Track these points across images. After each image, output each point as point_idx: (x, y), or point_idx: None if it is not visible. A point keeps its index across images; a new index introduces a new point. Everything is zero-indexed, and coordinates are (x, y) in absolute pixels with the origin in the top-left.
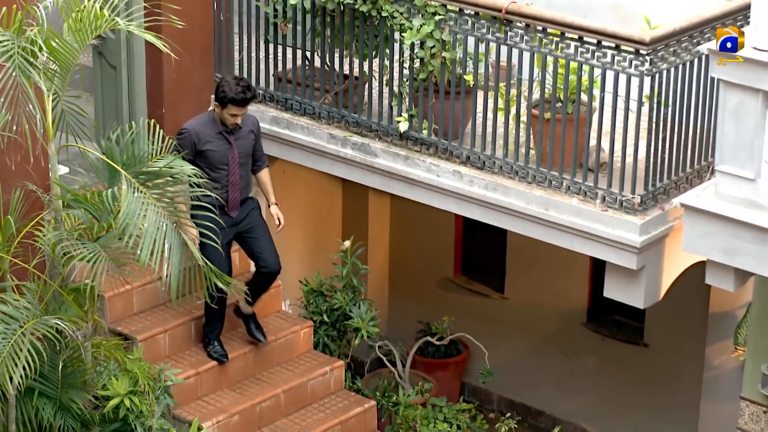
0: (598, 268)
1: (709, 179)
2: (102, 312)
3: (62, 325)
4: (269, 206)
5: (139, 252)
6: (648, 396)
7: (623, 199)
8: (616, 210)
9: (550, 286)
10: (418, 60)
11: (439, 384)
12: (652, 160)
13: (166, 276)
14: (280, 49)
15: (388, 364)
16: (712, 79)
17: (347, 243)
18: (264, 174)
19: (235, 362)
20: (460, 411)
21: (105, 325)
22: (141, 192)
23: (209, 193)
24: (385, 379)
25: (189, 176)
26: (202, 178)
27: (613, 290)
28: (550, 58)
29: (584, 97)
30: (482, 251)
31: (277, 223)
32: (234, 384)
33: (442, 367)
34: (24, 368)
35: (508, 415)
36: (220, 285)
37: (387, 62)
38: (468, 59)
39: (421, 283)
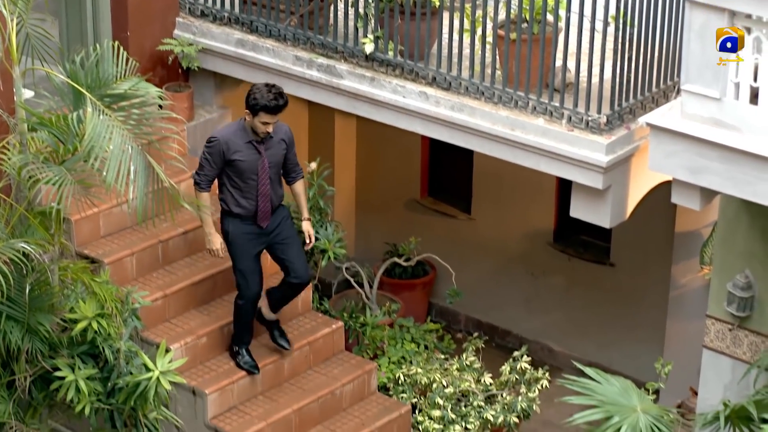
0: (564, 188)
1: (674, 99)
2: (69, 235)
3: (29, 248)
4: (302, 221)
5: (104, 175)
6: (614, 315)
7: (589, 119)
8: (582, 130)
9: (516, 206)
10: None
11: (407, 305)
12: (617, 80)
13: (133, 199)
14: None
15: (355, 285)
16: None
17: (313, 165)
18: (299, 186)
19: (202, 284)
20: (427, 331)
21: (72, 249)
22: (106, 114)
23: (241, 202)
24: (353, 300)
25: (154, 98)
26: (234, 188)
27: (579, 210)
28: None
29: (550, 17)
30: (449, 172)
31: (307, 240)
32: (201, 306)
33: (410, 287)
34: None
35: (476, 334)
36: (187, 206)
37: None
38: None
39: (388, 205)
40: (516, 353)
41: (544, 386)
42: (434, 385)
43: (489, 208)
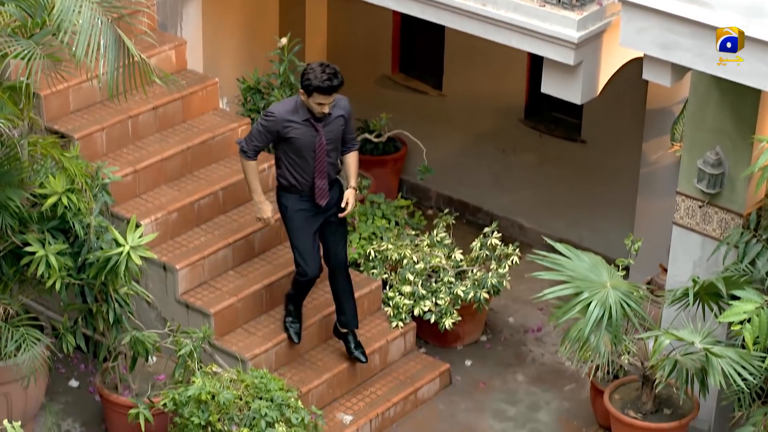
0: (535, 64)
1: None
2: (38, 110)
3: None
4: (347, 188)
5: (74, 49)
6: (585, 192)
7: None
8: (553, 5)
9: (487, 83)
10: None
11: (377, 181)
12: None
13: (102, 74)
14: None
15: None
16: None
17: (284, 40)
18: (351, 156)
19: (173, 159)
20: (398, 207)
21: (41, 124)
22: None
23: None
24: None
25: None
26: (291, 164)
27: (550, 86)
28: None
29: None
30: (420, 48)
31: (343, 204)
32: (172, 182)
33: (380, 164)
34: None
35: (446, 211)
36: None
37: None
38: None
39: (359, 81)
40: (486, 229)
41: (514, 262)
42: (405, 261)
43: (460, 85)
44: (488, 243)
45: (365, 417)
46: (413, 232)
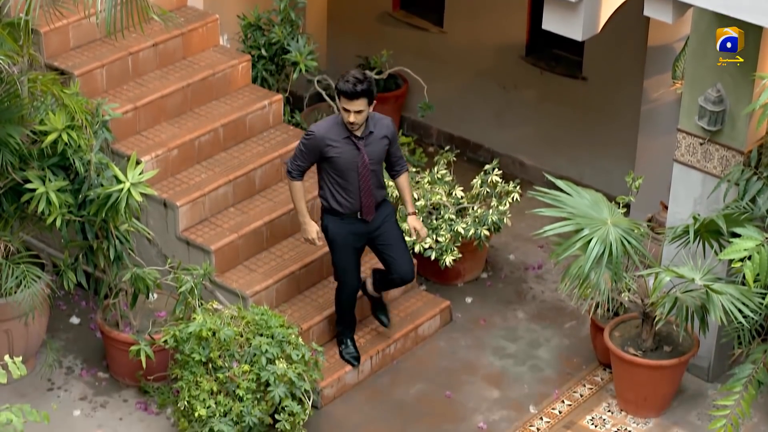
0: (537, 1)
1: None
2: (38, 47)
3: None
4: (407, 215)
5: None
6: (586, 129)
7: None
8: None
9: (489, 19)
10: None
11: None
12: None
13: (101, 10)
14: None
15: (327, 98)
16: None
17: None
18: (402, 180)
19: (173, 96)
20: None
21: (41, 60)
22: None
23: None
24: (324, 113)
25: None
26: (334, 184)
27: (551, 22)
28: None
29: None
30: None
31: (413, 236)
32: (173, 119)
33: (381, 101)
34: None
35: (447, 148)
36: None
37: None
38: None
39: (360, 17)
40: (487, 167)
41: (515, 199)
42: None
43: (461, 21)
44: (489, 180)
45: (366, 354)
46: (414, 169)
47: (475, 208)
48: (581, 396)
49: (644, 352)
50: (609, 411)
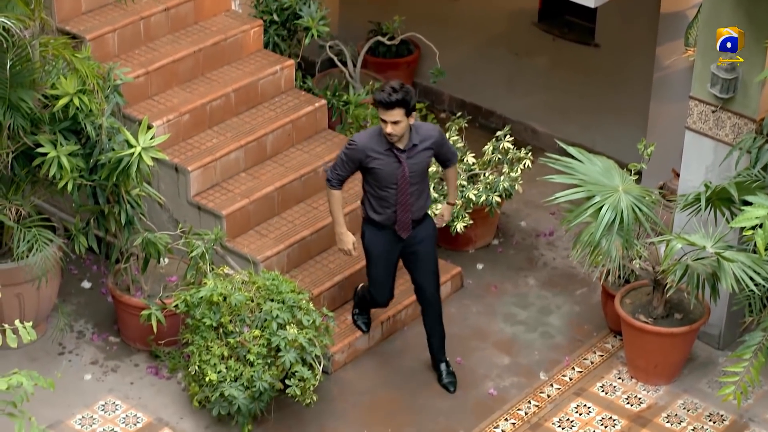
0: None
1: None
2: (49, 11)
3: (9, 23)
4: (445, 202)
5: None
6: (598, 96)
7: None
8: None
9: None
10: None
11: None
12: None
13: None
14: None
15: (339, 63)
16: None
17: None
18: (449, 171)
19: (184, 61)
20: None
21: (53, 24)
22: None
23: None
24: (336, 79)
25: None
26: (373, 195)
27: None
28: None
29: None
30: None
31: (436, 221)
32: (184, 83)
33: (393, 66)
34: None
35: (459, 114)
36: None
37: None
38: None
39: None
40: (499, 133)
41: (526, 166)
42: None
43: None
44: (500, 146)
45: (376, 319)
46: None
47: (487, 174)
48: (592, 363)
49: (655, 319)
50: (619, 378)
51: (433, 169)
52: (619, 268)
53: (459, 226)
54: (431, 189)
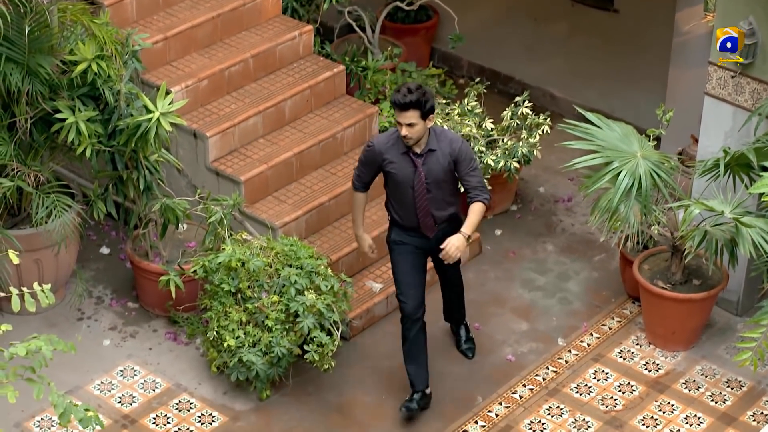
0: None
1: None
2: None
3: None
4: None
5: None
6: (617, 62)
7: None
8: None
9: None
10: None
11: (409, 49)
12: None
13: None
14: None
15: (357, 29)
16: None
17: None
18: (472, 207)
19: (203, 27)
20: (429, 76)
21: None
22: None
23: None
24: (355, 44)
25: None
26: (393, 198)
27: None
28: None
29: None
30: None
31: (443, 246)
32: (202, 49)
33: (412, 32)
34: None
35: (477, 80)
36: None
37: None
38: None
39: None
40: (518, 99)
41: (545, 132)
42: None
43: None
44: (519, 112)
45: (391, 290)
46: (444, 101)
47: (505, 140)
48: (610, 329)
49: (673, 285)
50: (637, 344)
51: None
52: (638, 234)
53: None
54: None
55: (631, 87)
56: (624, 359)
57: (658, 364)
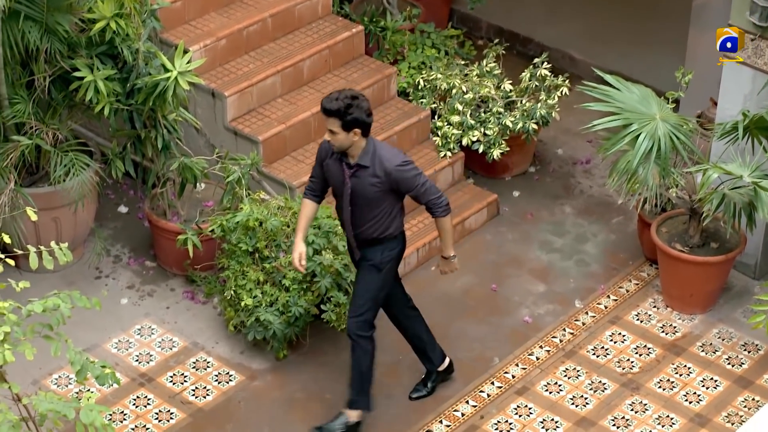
0: None
1: None
2: None
3: None
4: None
5: None
6: (636, 24)
7: None
8: None
9: None
10: None
11: (428, 10)
12: None
13: None
14: None
15: None
16: None
17: None
18: (438, 222)
19: None
20: (448, 37)
21: None
22: None
23: None
24: (373, 5)
25: None
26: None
27: None
28: None
29: None
30: None
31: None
32: (221, 8)
33: None
34: None
35: (496, 41)
36: None
37: None
38: None
39: None
40: (536, 60)
41: (563, 93)
42: (454, 91)
43: None
44: (538, 74)
45: (412, 246)
46: (463, 62)
47: (524, 101)
48: (627, 291)
49: (691, 248)
50: (655, 307)
51: (469, 95)
52: (656, 196)
53: (495, 153)
54: (467, 115)
55: (650, 49)
56: (641, 322)
57: (675, 327)
